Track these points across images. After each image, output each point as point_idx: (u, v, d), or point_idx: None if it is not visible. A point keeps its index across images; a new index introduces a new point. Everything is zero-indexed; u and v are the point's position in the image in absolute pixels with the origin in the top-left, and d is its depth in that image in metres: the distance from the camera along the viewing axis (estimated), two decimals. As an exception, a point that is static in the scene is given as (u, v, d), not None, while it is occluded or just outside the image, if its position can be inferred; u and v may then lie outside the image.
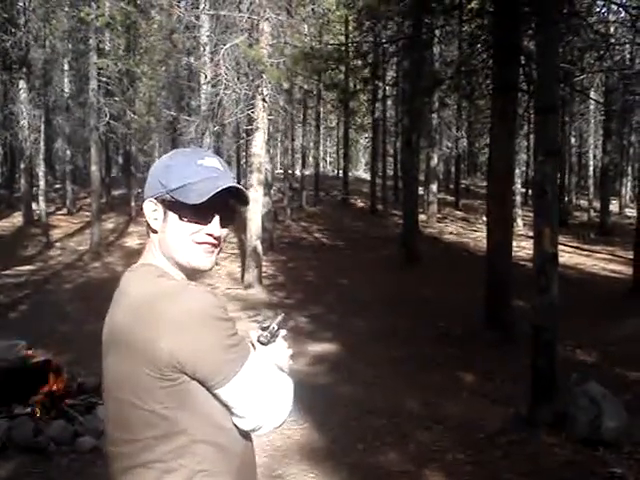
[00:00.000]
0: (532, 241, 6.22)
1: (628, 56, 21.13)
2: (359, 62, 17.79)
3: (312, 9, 16.71)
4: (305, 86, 26.57)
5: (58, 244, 18.10)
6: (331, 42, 21.25)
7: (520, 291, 9.12)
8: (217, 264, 1.44)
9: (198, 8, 15.66)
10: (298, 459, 5.05)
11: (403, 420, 5.97)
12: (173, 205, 1.49)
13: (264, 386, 1.45)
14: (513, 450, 5.19)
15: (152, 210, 1.53)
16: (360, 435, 5.57)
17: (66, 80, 22.87)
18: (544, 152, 5.65)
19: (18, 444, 4.86)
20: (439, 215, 24.91)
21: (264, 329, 1.62)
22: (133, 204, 22.98)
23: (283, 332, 1.66)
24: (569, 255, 17.02)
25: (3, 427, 4.92)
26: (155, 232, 1.54)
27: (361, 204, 28.51)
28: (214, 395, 1.41)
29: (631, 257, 13.01)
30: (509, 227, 9.93)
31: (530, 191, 26.74)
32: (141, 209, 1.61)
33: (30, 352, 5.95)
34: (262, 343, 1.60)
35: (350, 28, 23.16)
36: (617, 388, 5.99)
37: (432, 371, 7.67)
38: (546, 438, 5.32)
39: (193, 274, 1.55)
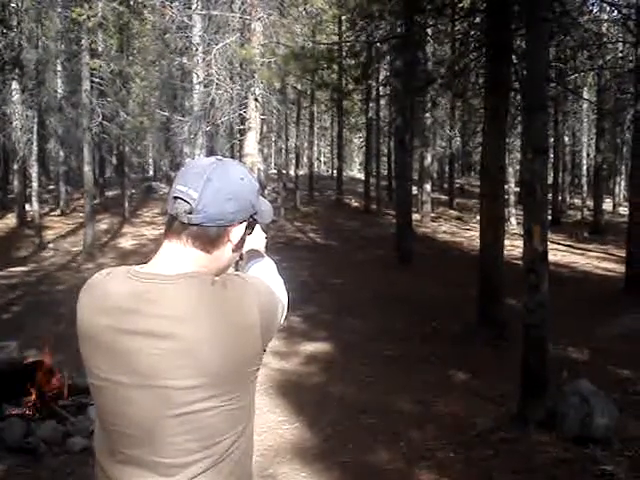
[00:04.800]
0: (524, 239, 6.22)
1: (620, 55, 21.14)
2: (352, 61, 17.81)
3: (304, 9, 16.70)
4: (298, 86, 26.59)
5: (51, 245, 18.05)
6: (324, 42, 21.22)
7: (513, 289, 9.12)
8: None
9: (190, 8, 15.61)
10: (289, 458, 5.05)
11: (395, 419, 5.97)
12: (249, 225, 1.45)
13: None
14: (504, 448, 5.20)
15: (241, 233, 1.43)
16: (352, 434, 5.57)
17: (59, 81, 22.81)
18: (532, 150, 5.67)
19: (9, 445, 4.84)
20: (433, 214, 24.96)
21: None
22: (127, 205, 22.93)
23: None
24: (562, 254, 17.07)
25: (-6, 428, 4.91)
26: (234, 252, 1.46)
27: (355, 204, 28.53)
28: None
29: (624, 255, 13.06)
30: (501, 225, 9.93)
31: (524, 190, 26.71)
32: (135, 210, 1.60)
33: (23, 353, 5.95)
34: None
35: (343, 28, 23.19)
36: (608, 386, 6.01)
37: (424, 370, 7.67)
38: (537, 436, 5.33)
39: None
